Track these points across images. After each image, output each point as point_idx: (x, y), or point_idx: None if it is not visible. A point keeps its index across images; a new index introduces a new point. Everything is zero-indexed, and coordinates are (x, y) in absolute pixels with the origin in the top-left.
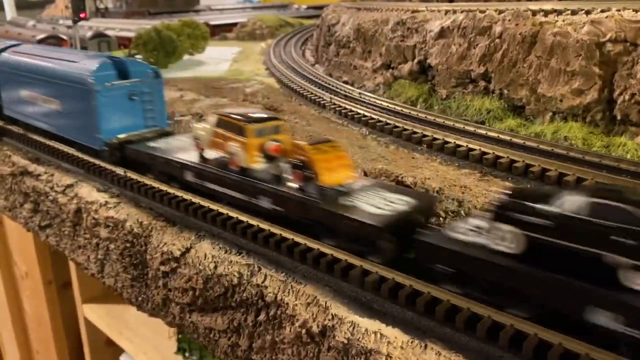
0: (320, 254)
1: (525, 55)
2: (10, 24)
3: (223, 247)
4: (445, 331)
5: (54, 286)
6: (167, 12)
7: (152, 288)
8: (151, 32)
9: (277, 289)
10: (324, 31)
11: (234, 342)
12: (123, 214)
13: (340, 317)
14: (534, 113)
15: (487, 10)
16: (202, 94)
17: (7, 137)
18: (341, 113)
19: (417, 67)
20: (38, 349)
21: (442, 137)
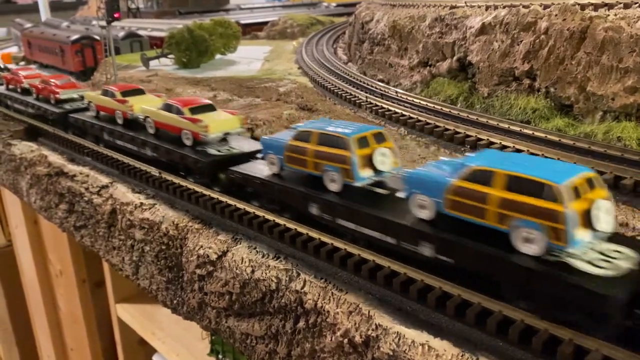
0: (361, 260)
1: (574, 51)
2: (45, 25)
3: (260, 251)
4: (497, 344)
5: (87, 285)
6: (197, 12)
7: (187, 291)
8: (184, 31)
9: (317, 295)
10: (357, 29)
11: (272, 349)
12: (158, 215)
13: (385, 327)
14: (582, 112)
15: (531, 5)
16: (236, 94)
17: (43, 137)
18: (378, 112)
19: (456, 64)
20: (72, 346)
21: (486, 137)
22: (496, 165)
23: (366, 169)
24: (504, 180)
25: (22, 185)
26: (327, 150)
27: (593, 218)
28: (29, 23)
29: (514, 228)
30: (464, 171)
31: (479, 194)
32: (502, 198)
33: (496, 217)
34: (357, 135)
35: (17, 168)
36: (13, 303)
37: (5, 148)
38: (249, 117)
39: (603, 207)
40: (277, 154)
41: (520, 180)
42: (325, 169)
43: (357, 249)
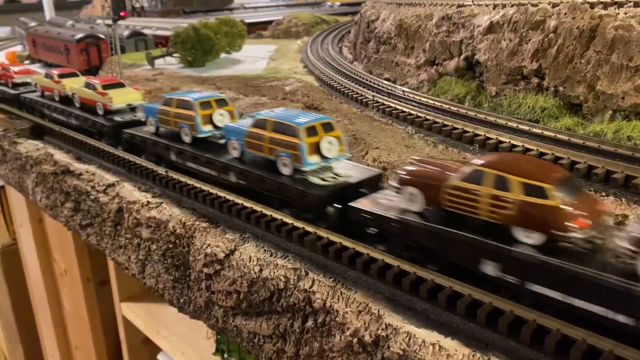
0: (370, 259)
1: (583, 50)
2: (50, 24)
3: (268, 250)
4: (509, 344)
5: (92, 284)
6: (201, 11)
7: (194, 290)
8: (189, 30)
9: (326, 294)
10: (362, 27)
11: (280, 348)
12: (165, 214)
13: (395, 326)
14: (592, 111)
15: (540, 3)
16: (241, 93)
17: (49, 136)
18: (385, 111)
19: (463, 63)
20: (77, 344)
21: (495, 136)
22: (270, 116)
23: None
24: (272, 125)
25: (27, 183)
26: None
27: (322, 148)
28: (33, 22)
29: (278, 157)
30: (253, 121)
31: (259, 135)
32: (270, 137)
33: (269, 150)
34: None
35: (23, 166)
36: (18, 301)
37: (11, 146)
38: None
39: (329, 141)
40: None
41: (281, 124)
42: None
43: (365, 247)
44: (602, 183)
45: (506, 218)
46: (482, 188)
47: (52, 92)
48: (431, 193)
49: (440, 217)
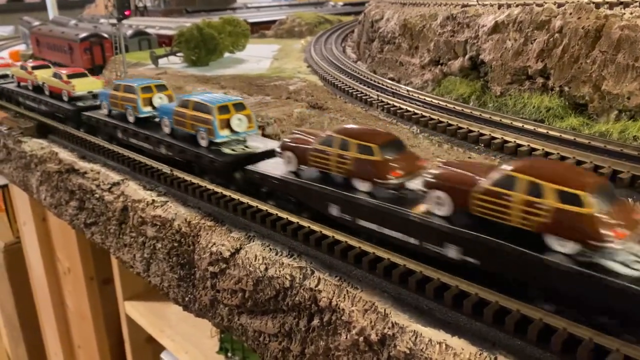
0: (376, 258)
1: (589, 50)
2: (53, 23)
3: (274, 249)
4: (516, 343)
5: (95, 282)
6: (204, 10)
7: (199, 289)
8: (193, 29)
9: (332, 293)
10: (366, 27)
11: (285, 347)
12: (171, 212)
13: (402, 325)
14: (597, 111)
15: (545, 3)
16: (245, 92)
17: (53, 134)
18: (389, 111)
19: (468, 63)
20: (80, 343)
21: (500, 135)
22: (192, 97)
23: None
24: (193, 105)
25: (32, 182)
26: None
27: (232, 124)
28: (37, 21)
29: (197, 132)
30: (179, 101)
31: (183, 114)
32: (191, 115)
33: (190, 126)
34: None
35: (28, 165)
36: (21, 300)
37: (16, 145)
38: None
39: (239, 118)
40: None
41: (199, 104)
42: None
43: (372, 247)
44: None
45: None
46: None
47: (27, 82)
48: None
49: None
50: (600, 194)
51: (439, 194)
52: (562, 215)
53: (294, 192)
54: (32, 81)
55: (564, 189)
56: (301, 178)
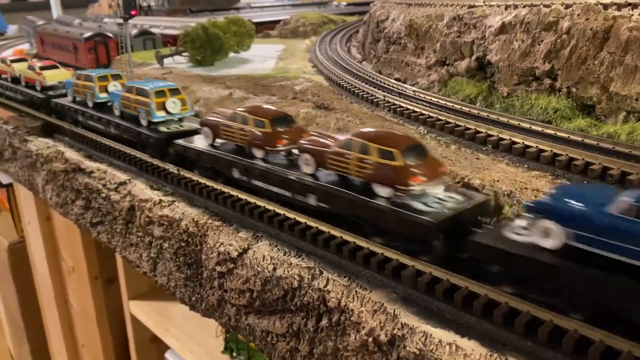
0: (385, 259)
1: (597, 51)
2: (57, 22)
3: (282, 249)
4: (527, 345)
5: (99, 281)
6: (208, 10)
7: (206, 288)
8: (198, 29)
9: (341, 294)
10: (371, 28)
11: (293, 347)
12: (178, 212)
13: (411, 326)
14: (605, 113)
15: (552, 4)
16: (251, 92)
17: (59, 134)
18: (396, 111)
19: (475, 64)
20: (84, 342)
21: (508, 136)
22: (135, 83)
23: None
24: (135, 90)
25: (37, 181)
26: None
27: (167, 106)
28: (41, 20)
29: (138, 113)
30: (125, 87)
31: (128, 98)
32: (135, 99)
33: (134, 108)
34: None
35: (33, 164)
36: (24, 299)
37: (22, 144)
38: None
39: (173, 101)
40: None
41: (140, 89)
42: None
43: (380, 247)
44: (618, 184)
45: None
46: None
47: (6, 74)
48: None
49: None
50: (409, 151)
51: (307, 156)
52: (380, 168)
53: (209, 161)
54: (10, 73)
55: (382, 147)
56: (215, 150)
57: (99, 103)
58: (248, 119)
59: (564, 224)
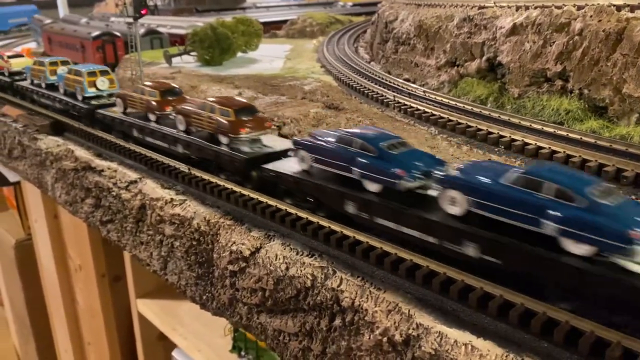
0: (398, 259)
1: (609, 53)
2: (64, 21)
3: (294, 248)
4: (542, 345)
5: (106, 279)
6: (214, 10)
7: (218, 287)
8: (207, 29)
9: (354, 293)
10: (380, 28)
11: (306, 346)
12: (190, 211)
13: (426, 326)
14: (618, 114)
15: (564, 6)
16: (260, 92)
17: (69, 132)
18: (407, 112)
19: (485, 64)
20: (89, 340)
21: (520, 137)
22: (73, 67)
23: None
24: (74, 72)
25: (47, 179)
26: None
27: (97, 84)
28: (48, 19)
29: (76, 90)
30: (67, 70)
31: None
32: (73, 79)
33: (72, 86)
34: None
35: (43, 162)
36: (31, 297)
37: (31, 142)
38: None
39: (102, 80)
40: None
41: (77, 70)
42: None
43: (393, 247)
44: (633, 186)
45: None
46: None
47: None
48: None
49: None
50: (241, 111)
51: (180, 117)
52: (221, 122)
53: (121, 127)
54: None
55: (222, 107)
56: (127, 117)
57: (50, 84)
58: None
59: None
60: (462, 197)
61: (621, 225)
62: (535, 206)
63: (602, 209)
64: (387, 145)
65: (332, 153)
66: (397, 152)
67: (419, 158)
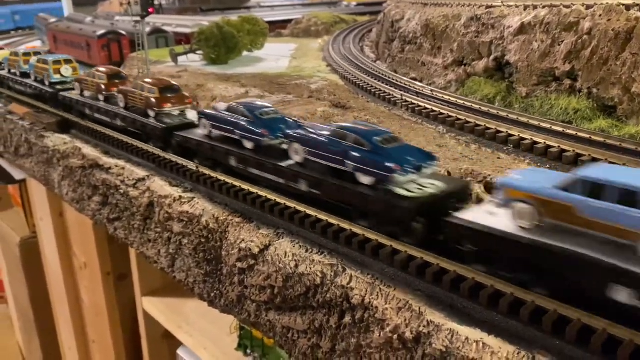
0: (409, 257)
1: (619, 52)
2: (69, 20)
3: (303, 246)
4: (554, 343)
5: (112, 277)
6: (218, 9)
7: (226, 284)
8: (213, 28)
9: (364, 291)
10: (386, 27)
11: (315, 344)
12: (198, 209)
13: (437, 324)
14: (627, 113)
15: (573, 5)
16: (267, 90)
17: (76, 129)
18: (414, 110)
19: (493, 64)
20: (94, 338)
21: (530, 136)
22: (41, 57)
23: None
24: (42, 61)
25: (54, 177)
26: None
27: (61, 71)
28: (53, 18)
29: (43, 76)
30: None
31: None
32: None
33: (41, 74)
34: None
35: (49, 160)
36: (36, 294)
37: (38, 140)
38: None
39: (65, 68)
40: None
41: (43, 59)
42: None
43: (404, 246)
44: None
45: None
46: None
47: None
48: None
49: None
50: (165, 89)
51: (121, 96)
52: (149, 99)
53: (78, 106)
54: None
55: (150, 86)
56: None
57: (23, 72)
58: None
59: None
60: (301, 148)
61: (390, 162)
62: (342, 151)
63: (381, 151)
64: (260, 112)
65: (223, 121)
66: (267, 118)
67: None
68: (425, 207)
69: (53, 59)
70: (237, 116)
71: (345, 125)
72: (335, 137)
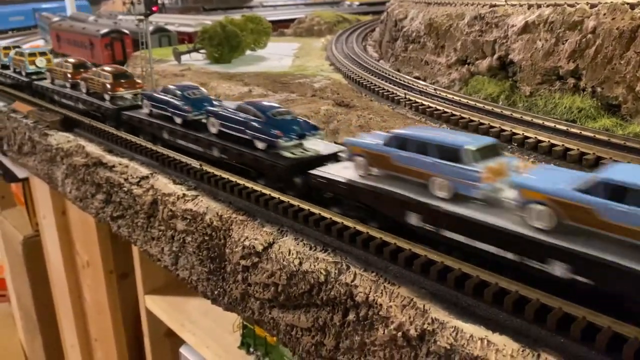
0: (412, 255)
1: (623, 51)
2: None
3: (307, 244)
4: (559, 341)
5: (114, 276)
6: (221, 8)
7: (229, 282)
8: (216, 27)
9: (369, 289)
10: (389, 26)
11: (319, 341)
12: (202, 206)
13: (442, 321)
14: (631, 112)
15: (577, 4)
16: (270, 89)
17: (79, 128)
18: (418, 109)
19: (497, 62)
20: (97, 337)
21: (534, 135)
22: (18, 49)
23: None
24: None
25: (57, 175)
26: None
27: (36, 63)
28: (56, 17)
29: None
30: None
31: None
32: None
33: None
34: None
35: (53, 158)
36: (38, 293)
37: (41, 138)
38: None
39: (40, 60)
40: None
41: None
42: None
43: (408, 243)
44: None
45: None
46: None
47: None
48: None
49: None
50: (119, 76)
51: (83, 82)
52: (105, 84)
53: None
54: None
55: (106, 73)
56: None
57: (3, 64)
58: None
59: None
60: (216, 121)
61: (276, 130)
62: (244, 123)
63: (271, 122)
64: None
65: (159, 100)
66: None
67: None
68: (302, 165)
69: (29, 51)
70: (171, 96)
71: (249, 101)
72: (241, 111)
